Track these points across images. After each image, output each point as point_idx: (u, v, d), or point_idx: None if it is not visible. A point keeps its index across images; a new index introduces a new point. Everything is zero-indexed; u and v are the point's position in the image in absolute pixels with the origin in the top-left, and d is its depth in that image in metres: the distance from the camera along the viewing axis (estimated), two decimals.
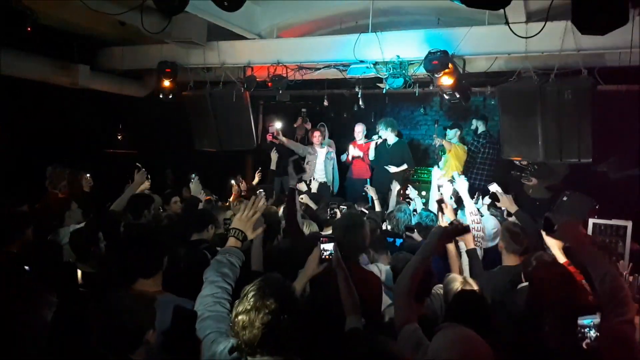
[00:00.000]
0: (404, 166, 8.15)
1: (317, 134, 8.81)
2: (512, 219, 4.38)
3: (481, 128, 8.35)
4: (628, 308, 2.30)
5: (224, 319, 2.14)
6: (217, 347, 2.02)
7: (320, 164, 8.66)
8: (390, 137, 8.28)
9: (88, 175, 5.83)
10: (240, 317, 1.81)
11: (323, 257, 2.68)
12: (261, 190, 5.54)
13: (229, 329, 1.98)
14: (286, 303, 1.81)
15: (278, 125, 8.67)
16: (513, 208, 4.14)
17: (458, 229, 3.06)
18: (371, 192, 6.81)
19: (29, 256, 2.77)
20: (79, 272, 2.72)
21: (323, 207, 5.36)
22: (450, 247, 3.65)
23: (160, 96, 7.55)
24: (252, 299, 1.81)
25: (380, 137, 8.30)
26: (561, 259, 3.50)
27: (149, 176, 5.47)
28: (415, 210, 6.13)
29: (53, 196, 5.62)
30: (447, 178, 7.60)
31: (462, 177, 5.44)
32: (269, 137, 8.75)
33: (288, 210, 4.12)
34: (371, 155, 8.40)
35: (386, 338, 1.85)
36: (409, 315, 2.42)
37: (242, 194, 6.64)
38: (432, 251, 2.71)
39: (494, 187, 5.20)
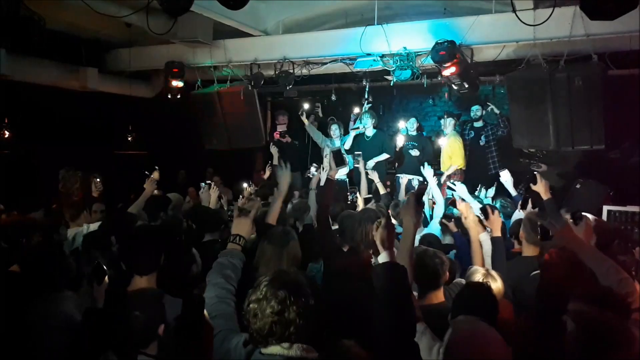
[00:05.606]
0: (384, 155, 7.79)
1: (334, 127, 8.60)
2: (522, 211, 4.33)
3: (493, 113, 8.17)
4: (634, 298, 2.34)
5: (231, 317, 2.17)
6: (230, 344, 2.04)
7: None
8: (369, 130, 7.97)
9: (98, 179, 5.77)
10: (251, 306, 1.82)
11: None
12: (256, 197, 5.47)
13: (237, 327, 2.02)
14: (297, 293, 1.79)
15: (306, 106, 8.76)
16: (546, 195, 4.07)
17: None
18: (374, 177, 6.43)
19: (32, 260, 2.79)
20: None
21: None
22: (474, 237, 3.61)
23: (169, 96, 7.59)
24: (264, 289, 1.81)
25: (365, 126, 7.93)
26: None
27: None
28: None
29: (66, 199, 5.66)
30: (448, 171, 7.69)
31: (458, 182, 5.34)
32: (277, 136, 8.75)
33: (321, 201, 3.92)
34: (347, 145, 8.08)
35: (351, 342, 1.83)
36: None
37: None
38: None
39: (505, 175, 5.15)
